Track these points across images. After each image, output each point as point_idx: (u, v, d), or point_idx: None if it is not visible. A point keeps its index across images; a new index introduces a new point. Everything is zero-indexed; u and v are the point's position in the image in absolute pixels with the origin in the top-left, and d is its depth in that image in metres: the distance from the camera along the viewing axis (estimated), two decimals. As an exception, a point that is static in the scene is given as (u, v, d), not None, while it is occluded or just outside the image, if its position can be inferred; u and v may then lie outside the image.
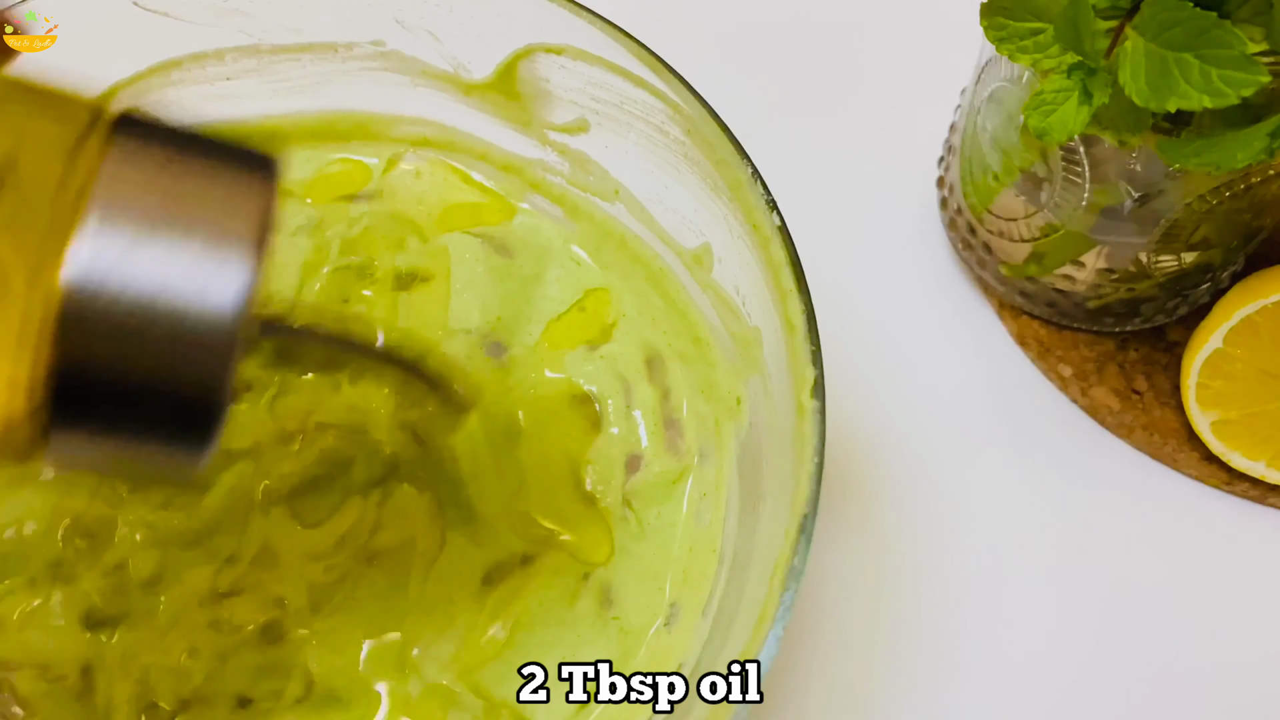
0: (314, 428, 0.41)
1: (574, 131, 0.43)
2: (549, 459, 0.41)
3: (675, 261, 0.42)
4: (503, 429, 0.42)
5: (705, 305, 0.41)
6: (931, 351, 0.49)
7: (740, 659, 0.30)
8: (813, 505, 0.30)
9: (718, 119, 0.36)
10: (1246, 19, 0.32)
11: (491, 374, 0.42)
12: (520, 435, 0.42)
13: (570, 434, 0.42)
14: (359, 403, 0.42)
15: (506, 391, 0.42)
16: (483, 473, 0.41)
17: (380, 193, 0.46)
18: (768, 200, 0.34)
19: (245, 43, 0.42)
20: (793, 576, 0.29)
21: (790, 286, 0.33)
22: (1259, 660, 0.43)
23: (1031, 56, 0.35)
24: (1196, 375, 0.44)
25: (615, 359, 0.43)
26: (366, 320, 0.43)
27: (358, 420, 0.42)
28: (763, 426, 0.37)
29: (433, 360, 0.40)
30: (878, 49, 0.57)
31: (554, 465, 0.41)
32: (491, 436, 0.41)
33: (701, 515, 0.40)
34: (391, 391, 0.41)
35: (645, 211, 0.42)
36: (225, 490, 0.40)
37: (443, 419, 0.41)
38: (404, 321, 0.43)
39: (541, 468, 0.41)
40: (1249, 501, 0.46)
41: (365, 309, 0.43)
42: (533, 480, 0.41)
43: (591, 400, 0.43)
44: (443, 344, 0.43)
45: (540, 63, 0.41)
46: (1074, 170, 0.40)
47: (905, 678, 0.43)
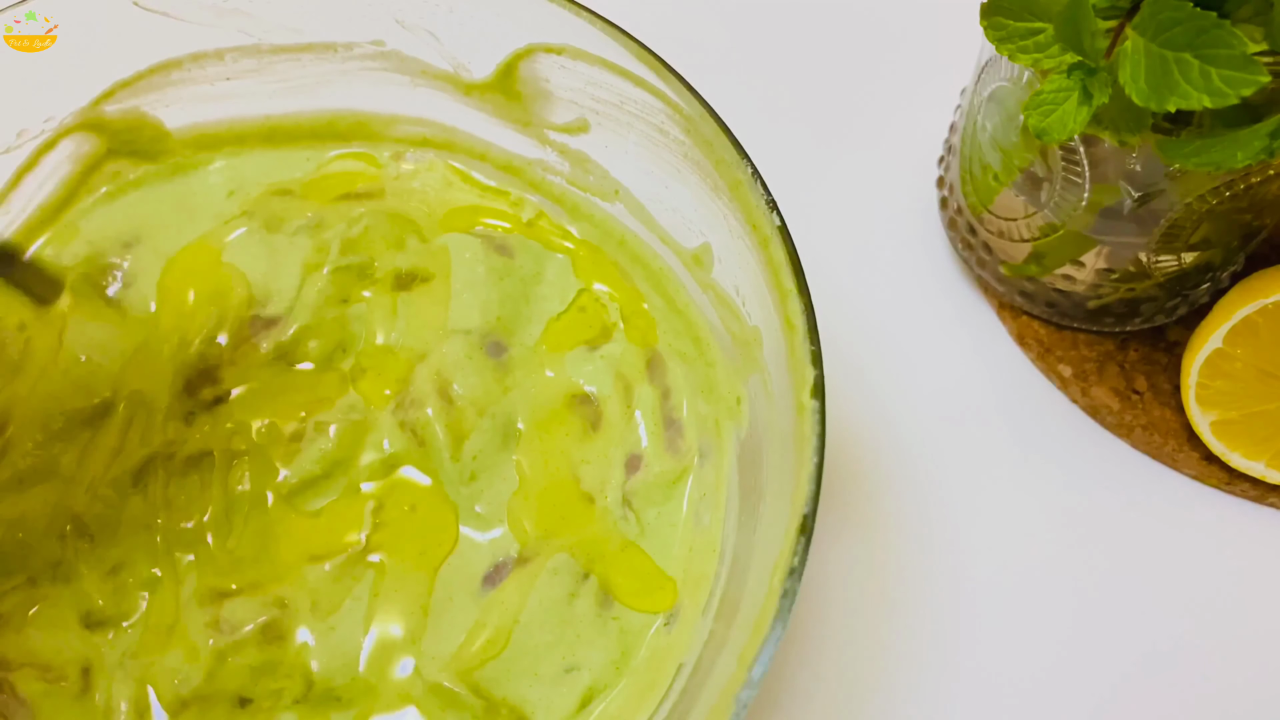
0: (314, 425, 0.42)
1: (574, 131, 0.43)
2: (549, 459, 0.41)
3: (675, 261, 0.42)
4: (502, 429, 0.42)
5: (705, 305, 0.41)
6: (931, 351, 0.49)
7: (740, 658, 0.30)
8: (813, 505, 0.30)
9: (717, 118, 0.36)
10: (1246, 19, 0.32)
11: (492, 374, 0.42)
12: (520, 435, 0.42)
13: (570, 434, 0.42)
14: (358, 403, 0.42)
15: (506, 391, 0.42)
16: (483, 472, 0.41)
17: (380, 193, 0.46)
18: (767, 200, 0.34)
19: (245, 43, 0.42)
20: (793, 576, 0.29)
21: (790, 286, 0.33)
22: (1259, 659, 0.43)
23: (1031, 56, 0.35)
24: (1196, 375, 0.44)
25: (615, 359, 0.43)
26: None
27: (359, 418, 0.42)
28: (763, 426, 0.37)
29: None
30: (878, 49, 0.57)
31: (554, 465, 0.41)
32: (492, 436, 0.42)
33: (701, 515, 0.40)
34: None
35: (645, 211, 0.42)
36: (226, 488, 0.41)
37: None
38: (404, 321, 0.44)
39: (541, 468, 0.41)
40: (1248, 501, 0.46)
41: (365, 309, 0.44)
42: (533, 480, 0.41)
43: (591, 400, 0.43)
44: (443, 344, 0.43)
45: (540, 62, 0.41)
46: (1074, 170, 0.40)
47: (906, 675, 0.43)
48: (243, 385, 0.42)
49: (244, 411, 0.42)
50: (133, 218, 0.45)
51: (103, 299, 0.43)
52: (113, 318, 0.43)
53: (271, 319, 0.43)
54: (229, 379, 0.42)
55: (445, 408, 0.41)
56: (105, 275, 0.44)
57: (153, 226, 0.45)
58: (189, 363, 0.42)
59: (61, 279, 0.43)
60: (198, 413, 0.42)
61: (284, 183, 0.46)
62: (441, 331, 0.43)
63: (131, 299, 0.43)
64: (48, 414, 0.41)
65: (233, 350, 0.42)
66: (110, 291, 0.44)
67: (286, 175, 0.46)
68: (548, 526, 0.40)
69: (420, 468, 0.41)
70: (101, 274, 0.44)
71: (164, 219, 0.45)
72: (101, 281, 0.44)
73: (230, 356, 0.43)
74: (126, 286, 0.44)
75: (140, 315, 0.43)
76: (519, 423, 0.42)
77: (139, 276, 0.44)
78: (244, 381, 0.42)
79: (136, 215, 0.45)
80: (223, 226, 0.44)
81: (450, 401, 0.41)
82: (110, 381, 0.42)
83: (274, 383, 0.42)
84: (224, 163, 0.46)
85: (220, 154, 0.46)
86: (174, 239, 0.44)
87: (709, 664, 0.34)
